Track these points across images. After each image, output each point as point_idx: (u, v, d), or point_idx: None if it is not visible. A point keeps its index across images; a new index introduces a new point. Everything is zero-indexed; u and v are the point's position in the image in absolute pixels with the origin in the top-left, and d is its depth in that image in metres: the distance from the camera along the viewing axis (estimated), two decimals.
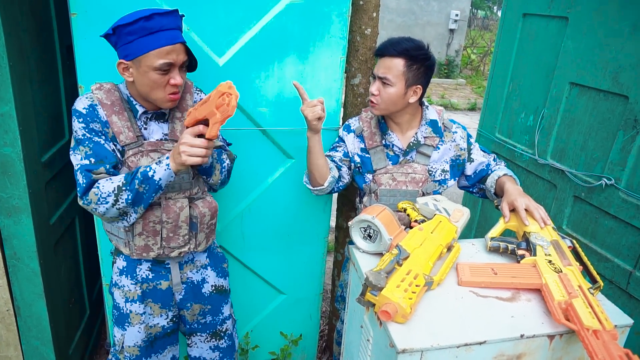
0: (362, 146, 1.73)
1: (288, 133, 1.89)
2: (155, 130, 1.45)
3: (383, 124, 1.72)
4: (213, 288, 1.66)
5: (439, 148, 1.71)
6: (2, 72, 1.44)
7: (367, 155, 1.72)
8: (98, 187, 1.32)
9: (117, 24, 1.28)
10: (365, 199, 1.74)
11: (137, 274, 1.53)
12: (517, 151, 2.33)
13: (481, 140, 2.65)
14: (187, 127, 1.32)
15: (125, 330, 1.55)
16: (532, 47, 2.28)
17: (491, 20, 17.19)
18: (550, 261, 1.26)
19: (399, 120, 1.69)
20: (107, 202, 1.32)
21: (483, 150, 1.79)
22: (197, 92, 1.55)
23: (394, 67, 1.56)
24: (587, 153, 1.95)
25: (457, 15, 10.97)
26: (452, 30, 11.22)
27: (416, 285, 1.14)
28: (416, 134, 1.70)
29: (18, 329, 1.82)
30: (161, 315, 1.58)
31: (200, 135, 1.29)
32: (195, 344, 1.72)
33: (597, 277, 1.24)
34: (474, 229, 2.69)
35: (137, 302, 1.53)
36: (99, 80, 1.61)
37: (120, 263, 1.54)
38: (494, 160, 1.78)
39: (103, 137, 1.37)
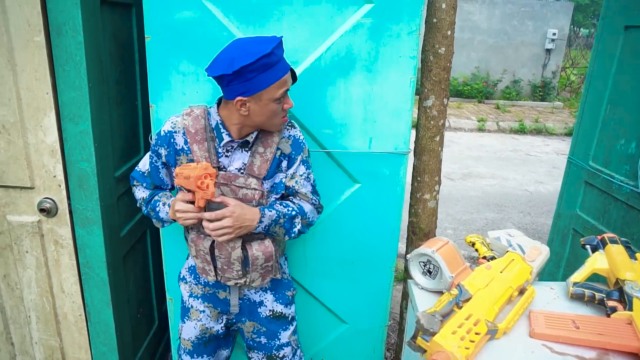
0: None
1: (355, 156, 1.82)
2: (237, 159, 1.45)
3: None
4: (270, 312, 1.64)
5: None
6: (82, 92, 1.53)
7: None
8: (135, 190, 1.61)
9: (239, 65, 1.24)
10: None
11: (201, 278, 1.61)
12: (615, 182, 2.06)
13: (572, 168, 2.39)
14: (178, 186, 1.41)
15: (185, 323, 1.67)
16: (635, 64, 2.02)
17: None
18: None
19: None
20: (137, 202, 1.60)
21: None
22: (288, 127, 1.51)
23: None
24: None
25: (554, 34, 10.31)
26: (548, 50, 10.55)
27: (476, 333, 1.01)
28: None
29: (89, 334, 1.91)
30: (217, 321, 1.64)
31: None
32: (253, 359, 1.73)
33: None
34: (562, 267, 2.42)
35: (200, 299, 1.63)
36: (169, 100, 1.68)
37: (191, 261, 1.64)
38: None
39: (159, 163, 1.51)
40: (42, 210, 1.65)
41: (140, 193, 1.57)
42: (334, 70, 1.69)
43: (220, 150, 1.44)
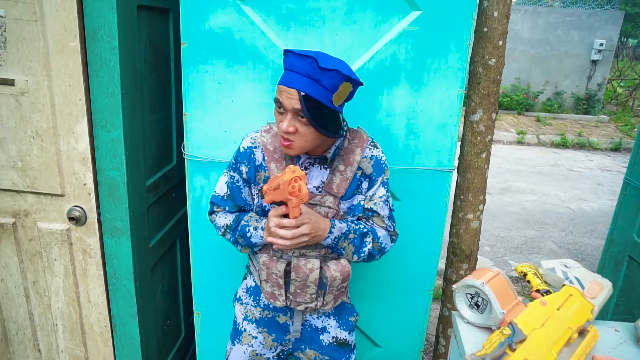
0: None
1: (395, 172, 1.72)
2: (315, 177, 1.38)
3: None
4: (333, 339, 1.53)
5: None
6: (114, 99, 1.49)
7: None
8: (215, 218, 1.49)
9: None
10: None
11: (261, 299, 1.52)
12: None
13: (629, 190, 2.21)
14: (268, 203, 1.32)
15: (234, 345, 1.57)
16: None
17: None
18: None
19: None
20: (220, 231, 1.49)
21: None
22: (370, 147, 1.41)
23: None
24: None
25: (601, 45, 9.91)
26: (594, 62, 10.14)
27: None
28: None
29: (114, 345, 1.86)
30: (270, 349, 1.54)
31: (287, 215, 1.26)
32: None
33: None
34: (615, 297, 2.24)
35: (254, 324, 1.54)
36: (203, 108, 1.62)
37: (250, 282, 1.57)
38: None
39: (241, 181, 1.43)
40: (71, 219, 1.62)
41: (223, 220, 1.47)
42: (377, 80, 1.60)
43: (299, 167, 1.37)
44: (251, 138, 1.42)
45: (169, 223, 1.99)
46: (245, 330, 1.55)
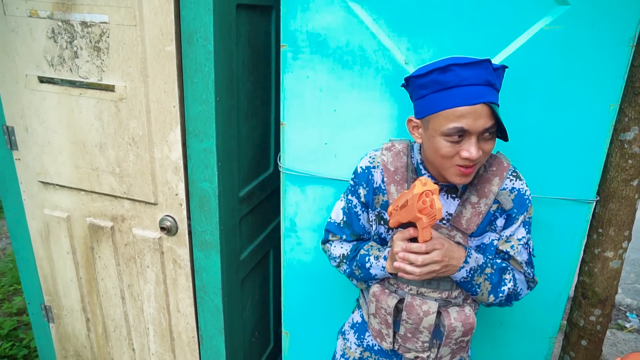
0: None
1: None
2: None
3: None
4: None
5: None
6: (208, 107, 1.39)
7: None
8: (330, 247, 1.36)
9: (410, 74, 1.06)
10: None
11: (365, 338, 1.37)
12: None
13: None
14: (392, 228, 1.18)
15: None
16: None
17: None
18: None
19: None
20: (334, 262, 1.35)
21: None
22: (512, 177, 1.18)
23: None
24: None
25: None
26: None
27: None
28: None
29: (200, 356, 1.81)
30: None
31: (414, 239, 1.08)
32: None
33: None
34: None
35: None
36: (302, 117, 1.47)
37: (356, 317, 1.42)
38: None
39: (359, 206, 1.27)
40: (162, 229, 1.57)
41: (339, 250, 1.33)
42: (508, 90, 1.32)
43: None
44: (370, 157, 1.24)
45: (262, 233, 1.89)
46: None
